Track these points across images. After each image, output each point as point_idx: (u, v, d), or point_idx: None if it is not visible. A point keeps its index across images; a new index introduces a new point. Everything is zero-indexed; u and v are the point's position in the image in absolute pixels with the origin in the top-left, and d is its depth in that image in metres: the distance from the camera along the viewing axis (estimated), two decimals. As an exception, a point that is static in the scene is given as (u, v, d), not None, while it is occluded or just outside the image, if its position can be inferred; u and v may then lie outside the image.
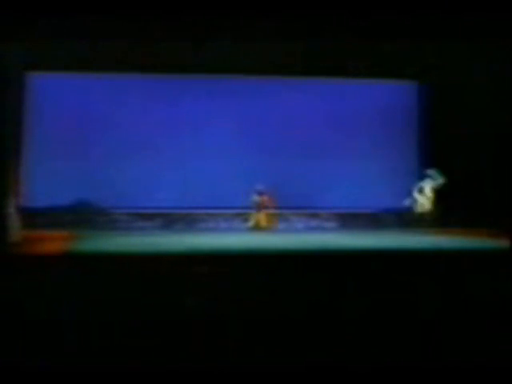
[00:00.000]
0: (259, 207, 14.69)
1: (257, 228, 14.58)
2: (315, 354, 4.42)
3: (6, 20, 9.40)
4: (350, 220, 15.95)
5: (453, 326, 5.06)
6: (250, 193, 14.62)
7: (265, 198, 14.60)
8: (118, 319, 4.97)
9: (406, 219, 16.03)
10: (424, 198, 15.47)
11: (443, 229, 14.70)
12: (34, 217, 13.37)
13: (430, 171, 15.50)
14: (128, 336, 4.64)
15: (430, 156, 16.97)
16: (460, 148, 15.90)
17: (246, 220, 15.04)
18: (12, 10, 9.06)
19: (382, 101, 17.08)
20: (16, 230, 11.39)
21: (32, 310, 5.15)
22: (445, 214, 15.68)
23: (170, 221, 15.37)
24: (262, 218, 14.67)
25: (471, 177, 15.27)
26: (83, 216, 14.80)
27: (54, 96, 15.86)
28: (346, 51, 14.59)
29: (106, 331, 4.71)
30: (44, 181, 14.43)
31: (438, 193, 15.43)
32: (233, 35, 11.62)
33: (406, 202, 15.45)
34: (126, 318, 4.98)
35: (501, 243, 10.44)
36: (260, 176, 15.10)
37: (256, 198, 14.62)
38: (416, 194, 15.56)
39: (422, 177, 16.08)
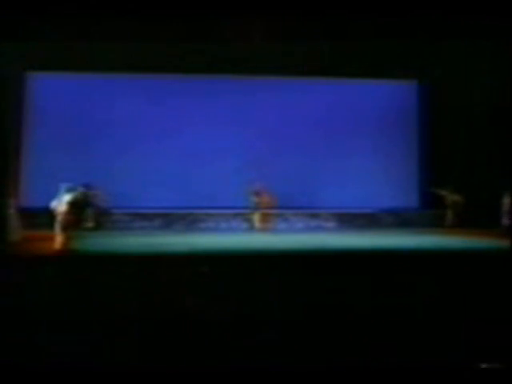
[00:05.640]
0: (258, 207, 14.62)
1: (255, 228, 14.56)
2: (315, 354, 4.42)
3: (6, 20, 9.41)
4: (349, 220, 15.94)
5: (453, 325, 5.06)
6: (247, 193, 14.58)
7: (265, 197, 14.49)
8: (118, 319, 4.97)
9: (405, 219, 16.06)
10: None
11: (443, 229, 14.71)
12: (34, 217, 13.34)
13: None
14: (128, 335, 4.65)
15: (429, 156, 16.98)
16: (459, 147, 15.92)
17: (246, 220, 15.01)
18: (12, 10, 9.07)
19: (382, 101, 17.08)
20: (16, 229, 11.39)
21: (32, 310, 5.15)
22: (443, 213, 15.71)
23: (169, 221, 15.36)
24: (257, 218, 14.64)
25: (471, 176, 15.28)
26: (83, 216, 14.78)
27: (54, 96, 15.87)
28: (346, 51, 14.60)
29: (106, 330, 4.71)
30: (44, 181, 14.39)
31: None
32: (231, 36, 11.64)
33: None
34: (126, 318, 4.98)
35: (501, 243, 10.46)
36: (260, 176, 15.06)
37: (255, 198, 14.54)
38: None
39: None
